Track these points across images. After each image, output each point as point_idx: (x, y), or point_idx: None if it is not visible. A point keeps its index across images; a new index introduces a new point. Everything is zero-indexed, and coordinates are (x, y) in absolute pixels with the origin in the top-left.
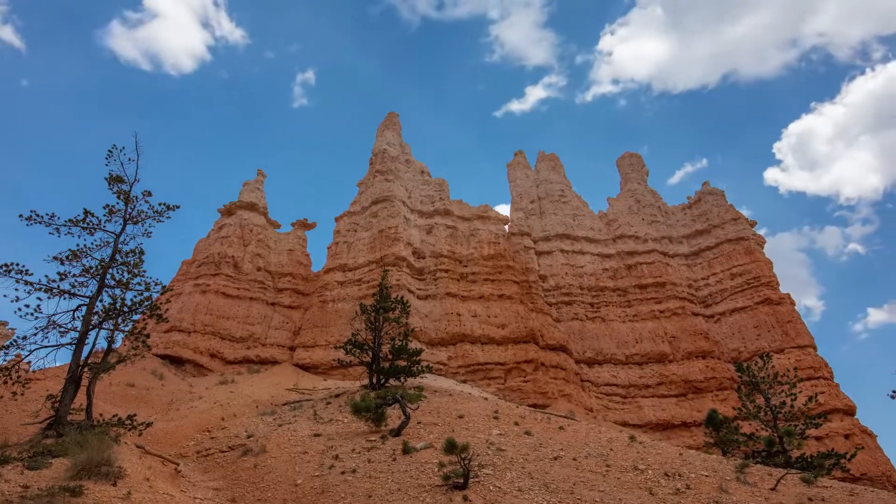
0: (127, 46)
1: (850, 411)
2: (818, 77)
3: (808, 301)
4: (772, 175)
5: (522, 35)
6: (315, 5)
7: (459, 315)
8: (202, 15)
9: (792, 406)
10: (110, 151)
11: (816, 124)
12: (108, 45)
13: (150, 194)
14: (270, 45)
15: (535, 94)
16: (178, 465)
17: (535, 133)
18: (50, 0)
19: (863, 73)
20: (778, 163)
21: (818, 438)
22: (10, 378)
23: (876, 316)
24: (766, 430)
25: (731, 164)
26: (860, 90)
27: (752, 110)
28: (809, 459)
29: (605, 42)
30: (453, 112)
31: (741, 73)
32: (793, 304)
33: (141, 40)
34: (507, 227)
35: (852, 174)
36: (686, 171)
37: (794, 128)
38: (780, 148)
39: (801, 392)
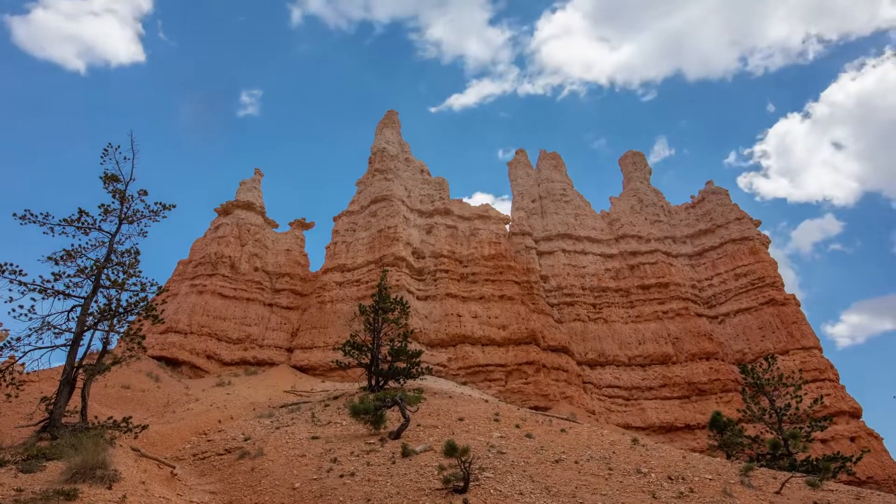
0: (45, 39)
1: (855, 413)
2: (768, 79)
3: None
4: (735, 176)
5: (462, 31)
6: (244, 14)
7: (459, 316)
8: (137, 17)
9: (797, 408)
10: (105, 150)
11: (783, 128)
12: (23, 37)
13: (145, 193)
14: (209, 55)
15: (479, 89)
16: (174, 468)
17: (482, 127)
18: None
19: (830, 79)
20: (743, 163)
21: (823, 441)
22: (4, 380)
23: (850, 319)
24: (771, 433)
25: (687, 158)
26: (836, 93)
27: (704, 110)
28: (815, 462)
29: (544, 35)
30: (413, 110)
31: (687, 73)
32: (798, 304)
33: (73, 35)
34: (507, 226)
35: (823, 178)
36: (652, 160)
37: (755, 130)
38: (734, 151)
39: (806, 394)
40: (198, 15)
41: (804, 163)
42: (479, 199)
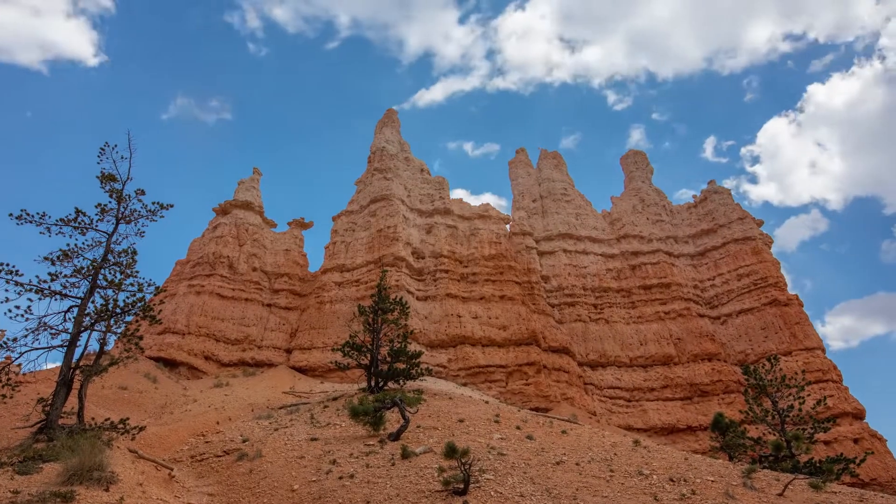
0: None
1: (859, 415)
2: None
3: None
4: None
5: (429, 29)
6: (206, 18)
7: (460, 316)
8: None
9: (800, 409)
10: (102, 149)
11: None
12: None
13: (143, 193)
14: (175, 59)
15: (447, 85)
16: (171, 469)
17: (452, 123)
18: None
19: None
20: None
21: (827, 443)
22: (0, 381)
23: (836, 320)
24: (774, 435)
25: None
26: (822, 95)
27: (680, 107)
28: (818, 464)
29: (508, 32)
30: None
31: (661, 72)
32: (801, 305)
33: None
34: (508, 226)
35: (808, 180)
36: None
37: (736, 126)
38: (707, 147)
39: (809, 395)
40: (160, 18)
41: (791, 165)
42: (456, 195)
